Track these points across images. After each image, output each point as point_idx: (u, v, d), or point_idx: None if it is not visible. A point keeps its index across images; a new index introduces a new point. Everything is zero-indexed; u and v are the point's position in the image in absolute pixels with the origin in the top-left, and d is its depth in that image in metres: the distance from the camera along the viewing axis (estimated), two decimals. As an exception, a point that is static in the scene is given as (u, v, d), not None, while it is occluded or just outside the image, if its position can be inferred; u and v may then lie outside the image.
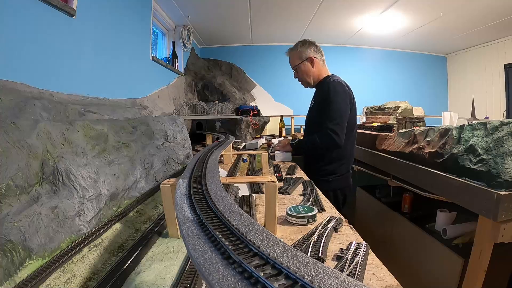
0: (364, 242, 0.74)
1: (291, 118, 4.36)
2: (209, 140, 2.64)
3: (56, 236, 0.72)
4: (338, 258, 0.68)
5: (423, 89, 5.05)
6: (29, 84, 1.16)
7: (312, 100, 2.00)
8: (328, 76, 1.90)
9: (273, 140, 3.04)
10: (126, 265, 0.65)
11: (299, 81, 1.99)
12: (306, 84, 1.98)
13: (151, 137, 1.52)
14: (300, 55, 1.89)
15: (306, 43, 1.90)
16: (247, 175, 1.70)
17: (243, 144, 2.85)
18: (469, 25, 3.60)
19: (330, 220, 0.90)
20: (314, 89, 2.05)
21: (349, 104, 1.76)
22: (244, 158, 2.07)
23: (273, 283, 0.28)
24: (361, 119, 4.24)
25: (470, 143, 1.35)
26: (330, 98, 1.72)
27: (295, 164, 1.99)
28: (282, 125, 3.69)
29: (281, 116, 3.73)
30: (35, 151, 0.79)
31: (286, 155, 2.13)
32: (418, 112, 3.49)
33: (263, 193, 1.25)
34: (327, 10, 3.26)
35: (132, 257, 0.68)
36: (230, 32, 4.17)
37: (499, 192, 1.12)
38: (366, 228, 2.65)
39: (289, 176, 1.58)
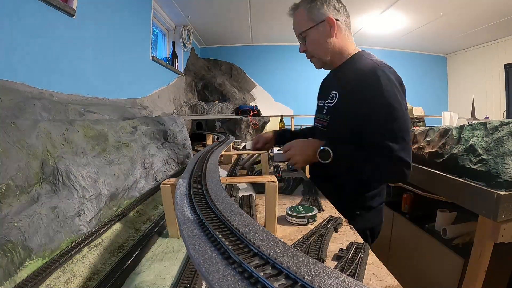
0: (364, 242, 0.74)
1: (291, 118, 4.36)
2: (209, 140, 2.64)
3: (56, 236, 0.72)
4: (338, 258, 0.68)
5: (423, 89, 5.04)
6: (29, 84, 1.16)
7: (328, 93, 1.21)
8: (360, 54, 1.16)
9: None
10: (126, 265, 0.65)
11: (308, 57, 1.24)
12: (320, 63, 1.23)
13: (151, 137, 1.52)
14: (312, 15, 1.13)
15: None
16: (247, 175, 1.70)
17: (243, 144, 2.85)
18: (469, 25, 3.60)
19: (330, 220, 0.90)
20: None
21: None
22: (244, 158, 2.07)
23: (273, 283, 0.28)
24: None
25: (470, 143, 1.35)
26: (386, 101, 0.98)
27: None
28: (282, 125, 3.69)
29: (281, 116, 3.73)
30: (35, 151, 0.79)
31: (286, 155, 2.13)
32: (418, 112, 3.49)
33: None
34: (327, 10, 3.26)
35: (132, 257, 0.68)
36: (230, 32, 4.18)
37: (499, 192, 1.12)
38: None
39: (289, 176, 1.58)
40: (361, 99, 1.04)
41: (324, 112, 1.22)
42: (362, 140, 1.04)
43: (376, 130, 1.01)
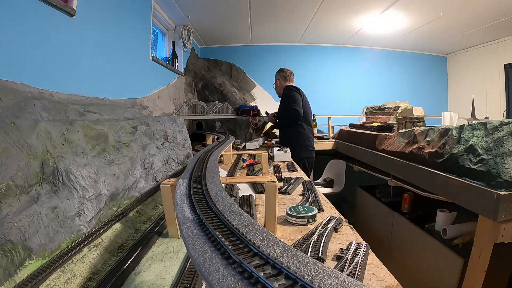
0: (364, 242, 0.74)
1: (291, 118, 4.35)
2: (209, 140, 2.64)
3: (56, 236, 0.72)
4: (338, 258, 0.68)
5: (423, 89, 5.04)
6: (29, 84, 1.16)
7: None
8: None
9: (273, 140, 3.04)
10: (126, 265, 0.65)
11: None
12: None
13: (151, 137, 1.52)
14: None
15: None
16: (247, 175, 1.70)
17: (243, 144, 2.85)
18: (469, 25, 3.60)
19: (330, 220, 0.90)
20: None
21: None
22: (244, 158, 2.07)
23: (273, 283, 0.28)
24: (361, 119, 4.24)
25: (470, 143, 1.35)
26: (287, 93, 2.70)
27: (292, 162, 2.03)
28: (314, 124, 3.66)
29: (314, 115, 3.68)
30: (35, 151, 0.79)
31: (286, 155, 2.14)
32: (418, 112, 3.49)
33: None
34: (327, 10, 3.26)
35: (132, 257, 0.68)
36: (230, 32, 4.17)
37: (499, 192, 1.12)
38: (366, 228, 2.65)
39: (289, 176, 1.58)
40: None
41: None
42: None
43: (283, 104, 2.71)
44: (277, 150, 2.17)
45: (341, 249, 0.71)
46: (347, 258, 0.66)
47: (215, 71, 4.39)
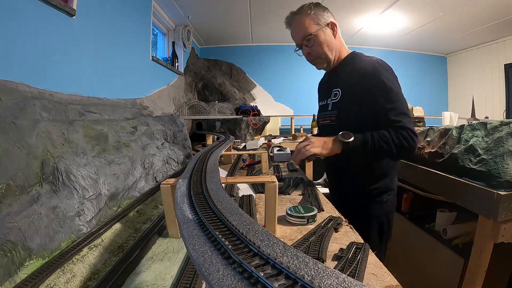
0: (364, 242, 0.74)
1: (291, 118, 4.35)
2: (209, 140, 2.64)
3: (56, 236, 0.72)
4: (338, 258, 0.68)
5: (423, 89, 5.05)
6: (29, 84, 1.16)
7: (330, 92, 1.32)
8: (354, 54, 1.33)
9: (273, 140, 3.04)
10: (126, 265, 0.65)
11: (312, 59, 1.33)
12: (325, 63, 1.32)
13: (151, 137, 1.52)
14: (318, 19, 1.24)
15: (321, 6, 1.28)
16: (247, 175, 1.70)
17: (243, 144, 2.85)
18: (469, 25, 3.60)
19: (330, 220, 0.90)
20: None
21: None
22: (244, 158, 2.07)
23: (273, 283, 0.28)
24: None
25: (470, 143, 1.35)
26: (389, 85, 1.14)
27: (292, 162, 2.03)
28: (314, 125, 3.47)
29: (314, 115, 3.56)
30: (35, 151, 0.79)
31: (286, 155, 2.13)
32: (418, 112, 3.49)
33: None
34: (327, 10, 3.26)
35: (132, 257, 0.68)
36: (230, 32, 4.18)
37: (499, 192, 1.12)
38: (366, 228, 2.65)
39: (289, 176, 1.58)
40: (365, 89, 1.16)
41: (330, 109, 1.32)
42: (371, 126, 1.14)
43: (384, 111, 1.13)
44: (277, 150, 2.17)
45: (341, 249, 0.71)
46: (347, 258, 0.66)
47: (215, 71, 4.39)
